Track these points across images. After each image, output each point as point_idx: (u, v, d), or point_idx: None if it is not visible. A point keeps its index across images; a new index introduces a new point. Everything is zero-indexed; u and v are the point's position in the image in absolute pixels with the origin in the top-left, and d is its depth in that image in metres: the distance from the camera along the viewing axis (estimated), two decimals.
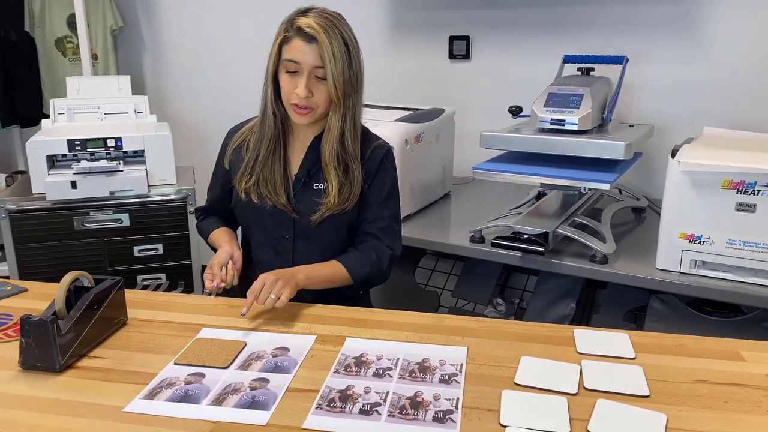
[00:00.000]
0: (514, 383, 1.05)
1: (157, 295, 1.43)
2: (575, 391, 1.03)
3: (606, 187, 1.80)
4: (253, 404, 1.00)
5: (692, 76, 2.31)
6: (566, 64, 2.19)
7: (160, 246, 2.52)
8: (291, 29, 1.34)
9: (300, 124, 1.43)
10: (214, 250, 1.54)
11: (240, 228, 1.62)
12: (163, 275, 2.56)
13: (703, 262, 1.72)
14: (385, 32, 2.79)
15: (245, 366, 1.12)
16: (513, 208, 2.18)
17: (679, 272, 1.76)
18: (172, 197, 2.49)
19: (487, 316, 2.45)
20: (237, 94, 3.22)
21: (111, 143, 2.44)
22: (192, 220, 2.54)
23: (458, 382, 1.06)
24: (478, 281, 2.48)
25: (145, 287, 2.50)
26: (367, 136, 1.51)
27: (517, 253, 1.89)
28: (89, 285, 1.22)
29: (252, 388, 1.04)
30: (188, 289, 2.61)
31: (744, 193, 1.62)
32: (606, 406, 0.98)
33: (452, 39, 2.67)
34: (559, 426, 0.93)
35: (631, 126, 2.20)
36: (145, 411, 0.98)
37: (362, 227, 1.49)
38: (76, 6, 2.92)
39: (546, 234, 1.85)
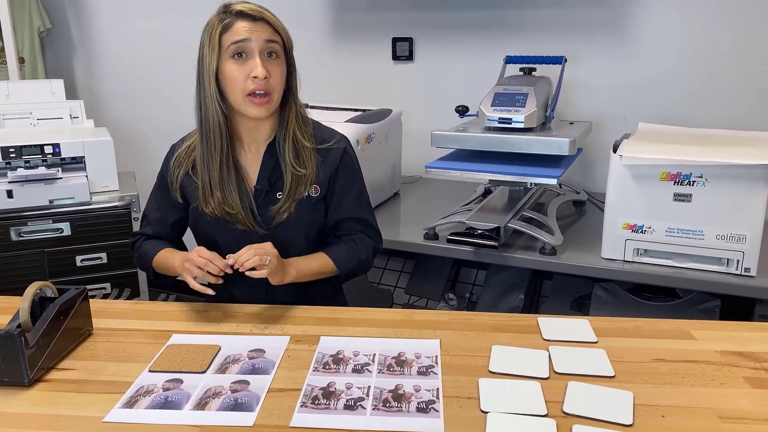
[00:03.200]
0: (489, 371, 1.10)
1: (120, 303, 1.40)
2: (547, 376, 1.08)
3: (553, 182, 1.88)
4: (236, 406, 1.00)
5: (624, 75, 2.43)
6: (508, 65, 2.27)
7: (103, 255, 2.45)
8: (229, 16, 1.30)
9: (258, 118, 1.34)
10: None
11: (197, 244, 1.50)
12: (108, 285, 2.49)
13: (645, 250, 1.82)
14: (328, 34, 2.81)
15: (223, 369, 1.11)
16: (462, 205, 2.24)
17: (623, 260, 1.85)
18: (116, 204, 2.42)
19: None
20: (176, 95, 3.12)
21: (48, 150, 2.35)
22: (137, 227, 2.48)
23: (436, 374, 1.09)
24: (429, 277, 2.53)
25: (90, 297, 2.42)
26: (318, 128, 1.47)
27: (471, 248, 1.95)
28: (53, 295, 1.19)
29: (233, 391, 1.04)
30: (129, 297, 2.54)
31: (680, 184, 1.72)
32: (577, 388, 1.04)
33: (395, 41, 2.71)
34: (536, 408, 0.98)
35: (571, 123, 2.29)
36: (126, 420, 0.97)
37: (342, 226, 1.47)
38: (0, 7, 2.79)
39: (498, 228, 1.92)
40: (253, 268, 1.26)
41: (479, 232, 1.92)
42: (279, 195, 1.40)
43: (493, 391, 1.03)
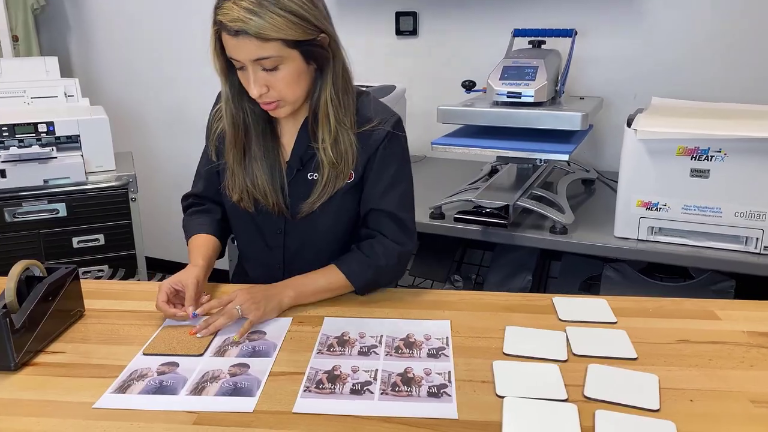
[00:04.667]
0: (503, 353, 1.03)
1: (113, 284, 1.34)
2: (565, 358, 1.02)
3: (564, 158, 1.81)
4: (236, 391, 0.94)
5: (634, 50, 2.35)
6: (516, 38, 2.18)
7: (101, 236, 2.40)
8: (216, 22, 1.10)
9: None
10: None
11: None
12: (105, 267, 2.44)
13: (660, 228, 1.76)
14: (330, 8, 2.71)
15: (221, 352, 1.05)
16: (469, 183, 2.17)
17: (637, 239, 1.79)
18: (112, 184, 2.37)
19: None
20: (174, 74, 3.08)
21: (42, 128, 2.29)
22: (135, 208, 2.42)
23: (447, 356, 1.03)
24: (435, 259, 2.46)
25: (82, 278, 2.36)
26: (365, 102, 1.27)
27: (479, 227, 1.88)
28: (41, 275, 1.12)
29: (232, 375, 0.98)
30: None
31: (698, 159, 1.65)
32: (597, 371, 0.98)
33: (399, 15, 2.62)
34: (555, 393, 0.92)
35: (581, 98, 2.22)
36: (118, 405, 0.91)
37: (365, 221, 1.29)
38: None
39: (507, 207, 1.85)
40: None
41: (488, 210, 1.85)
42: (311, 176, 1.26)
43: (509, 374, 0.97)
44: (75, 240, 2.37)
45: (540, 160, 2.03)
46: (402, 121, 1.29)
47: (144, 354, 1.05)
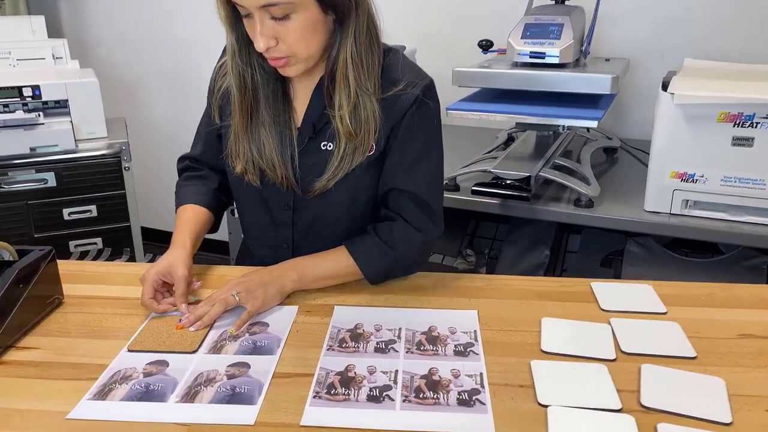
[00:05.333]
0: (542, 351, 0.90)
1: (96, 266, 1.20)
2: (613, 357, 0.88)
3: (593, 124, 1.66)
4: (234, 397, 0.81)
5: (661, 6, 2.17)
6: None
7: (93, 208, 2.28)
8: None
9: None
10: None
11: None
12: (99, 240, 2.32)
13: (695, 201, 1.62)
14: None
15: (217, 348, 0.92)
16: (485, 152, 2.02)
17: (669, 213, 1.65)
18: (104, 152, 2.25)
19: (458, 269, 2.31)
20: (171, 36, 2.90)
21: (27, 92, 2.16)
22: (129, 178, 2.29)
23: (477, 354, 0.90)
24: (447, 233, 2.32)
25: (82, 256, 2.23)
26: (392, 62, 1.08)
27: (497, 200, 1.74)
28: (11, 259, 0.99)
29: (230, 377, 0.85)
30: (131, 256, 2.36)
31: (741, 126, 1.50)
32: (653, 373, 0.84)
33: None
34: (607, 401, 0.79)
35: (607, 60, 2.05)
36: (96, 416, 0.78)
37: (384, 200, 1.12)
38: None
39: (528, 178, 1.71)
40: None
41: (508, 182, 1.71)
42: (325, 145, 1.09)
43: (551, 377, 0.84)
44: (66, 212, 2.25)
45: (563, 127, 1.88)
46: (434, 86, 1.11)
47: (129, 350, 0.91)
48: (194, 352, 0.91)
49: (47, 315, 1.01)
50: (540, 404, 0.79)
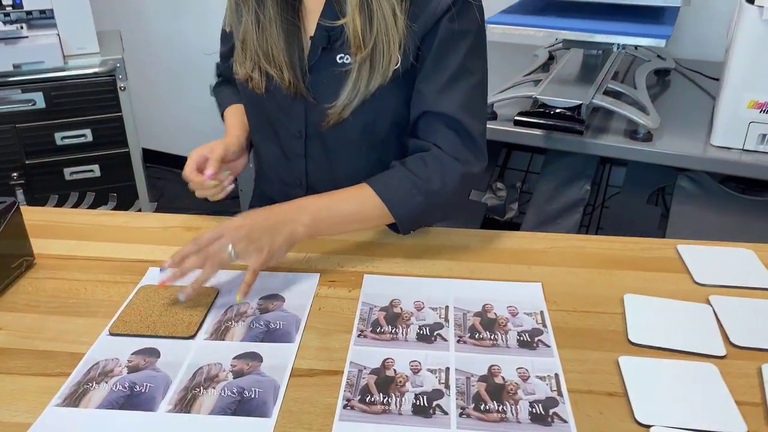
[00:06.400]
0: (629, 342, 0.71)
1: (77, 215, 1.01)
2: (723, 353, 0.69)
3: (662, 43, 1.41)
4: (242, 406, 0.63)
5: None
6: None
7: (87, 132, 2.10)
8: None
9: None
10: None
11: None
12: (95, 167, 2.14)
13: None
14: None
15: (221, 333, 0.74)
16: (525, 75, 1.78)
17: (742, 149, 1.43)
18: (96, 70, 2.03)
19: (486, 204, 2.11)
20: None
21: (7, 1, 1.91)
22: (125, 98, 2.09)
23: (547, 345, 0.71)
24: None
25: (61, 201, 2.04)
26: None
27: (541, 132, 1.52)
28: None
29: (237, 374, 0.67)
30: (127, 194, 2.17)
31: None
32: None
33: None
34: (727, 421, 0.60)
35: None
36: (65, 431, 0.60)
37: (415, 128, 0.93)
38: None
39: (580, 107, 1.47)
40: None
41: (558, 111, 1.47)
42: (341, 58, 0.89)
43: (647, 381, 0.65)
44: (58, 136, 2.07)
45: (618, 45, 1.63)
46: None
47: (110, 334, 0.73)
48: (192, 337, 0.72)
49: (13, 282, 0.82)
50: (639, 423, 0.60)
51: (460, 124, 0.89)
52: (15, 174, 2.04)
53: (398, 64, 0.87)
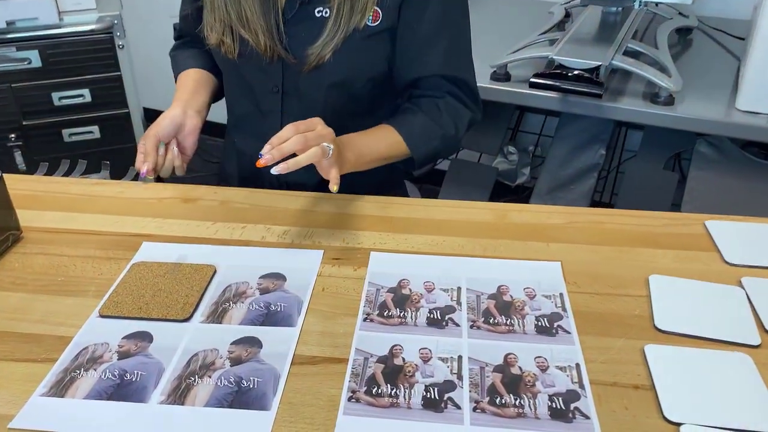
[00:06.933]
0: (656, 328, 0.66)
1: (67, 185, 0.95)
2: (758, 342, 0.64)
3: (688, 0, 1.32)
4: (239, 397, 0.59)
5: None
6: None
7: (86, 92, 2.04)
8: None
9: None
10: None
11: None
12: (95, 128, 2.08)
13: None
14: None
15: (218, 315, 0.69)
16: (540, 33, 1.69)
17: None
18: (93, 28, 1.96)
19: (498, 168, 2.05)
20: None
21: None
22: (124, 57, 2.01)
23: (567, 332, 0.66)
24: (486, 127, 2.04)
25: (51, 169, 1.98)
26: None
27: (556, 94, 1.45)
28: None
29: (234, 362, 0.63)
30: (129, 156, 2.10)
31: None
32: None
33: None
34: (764, 419, 0.56)
35: None
36: (48, 426, 0.56)
37: (423, 85, 0.95)
38: None
39: (598, 68, 1.40)
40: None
41: (575, 72, 1.40)
42: (319, 12, 0.88)
43: (676, 373, 0.60)
44: (55, 96, 2.01)
45: (640, 2, 1.55)
46: None
47: (101, 315, 0.69)
48: (187, 320, 0.68)
49: None
50: (667, 420, 0.56)
51: (463, 81, 0.96)
52: (12, 136, 1.99)
53: (379, 19, 0.88)
